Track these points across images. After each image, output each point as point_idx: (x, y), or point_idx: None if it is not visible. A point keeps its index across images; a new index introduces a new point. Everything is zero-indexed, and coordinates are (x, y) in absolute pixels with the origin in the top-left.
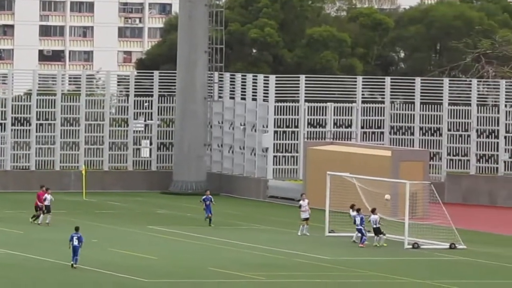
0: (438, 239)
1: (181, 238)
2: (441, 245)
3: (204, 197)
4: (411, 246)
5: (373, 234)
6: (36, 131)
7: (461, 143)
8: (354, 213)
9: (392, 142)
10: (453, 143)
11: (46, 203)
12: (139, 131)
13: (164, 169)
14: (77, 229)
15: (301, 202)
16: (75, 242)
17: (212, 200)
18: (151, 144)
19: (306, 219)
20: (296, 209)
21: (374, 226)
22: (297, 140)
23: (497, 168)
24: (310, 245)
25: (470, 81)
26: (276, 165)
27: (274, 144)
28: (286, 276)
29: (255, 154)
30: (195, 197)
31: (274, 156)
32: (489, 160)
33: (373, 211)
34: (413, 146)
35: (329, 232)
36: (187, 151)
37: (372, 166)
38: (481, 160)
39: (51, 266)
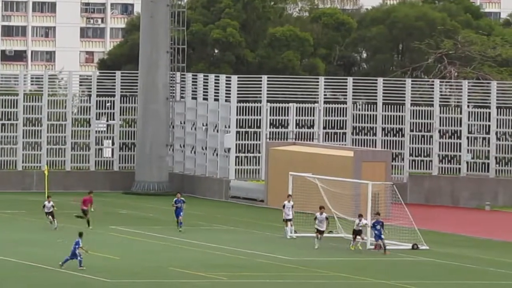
0: (400, 240)
1: (143, 238)
2: (403, 245)
3: (175, 199)
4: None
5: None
6: None
7: (424, 144)
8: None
9: (354, 142)
10: (415, 143)
11: (46, 210)
12: (101, 131)
13: (126, 169)
14: (80, 234)
15: (285, 202)
16: (72, 247)
17: (185, 201)
18: (113, 144)
19: (289, 220)
20: (259, 209)
21: (356, 228)
22: (259, 140)
23: (459, 168)
24: (272, 245)
25: (433, 81)
26: (238, 165)
27: (236, 144)
28: (249, 277)
29: (217, 155)
30: (158, 198)
31: (236, 157)
32: (452, 160)
33: (360, 216)
34: (375, 147)
35: (292, 233)
36: (149, 152)
37: (335, 167)
38: (443, 160)
39: (14, 267)
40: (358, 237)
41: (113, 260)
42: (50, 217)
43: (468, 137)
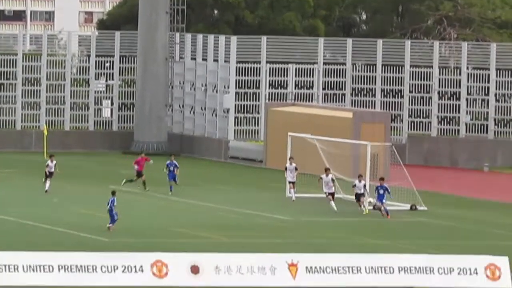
0: (399, 201)
1: (142, 198)
2: (401, 206)
3: (168, 162)
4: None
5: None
6: None
7: (423, 105)
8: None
9: (353, 103)
10: (414, 105)
11: (48, 169)
12: (100, 91)
13: (125, 129)
14: (113, 193)
15: (287, 164)
16: (108, 206)
17: (177, 165)
18: (112, 104)
19: (293, 182)
20: (257, 169)
21: (358, 191)
22: (259, 101)
23: (458, 130)
24: (271, 206)
25: (432, 43)
26: (237, 126)
27: (235, 105)
28: (248, 237)
29: (216, 115)
30: (156, 157)
31: (235, 117)
32: (451, 122)
33: (360, 177)
34: (374, 108)
35: (290, 193)
36: (148, 112)
37: (334, 128)
38: (442, 122)
39: (10, 226)
40: (362, 199)
41: None
42: (48, 177)
43: (467, 99)
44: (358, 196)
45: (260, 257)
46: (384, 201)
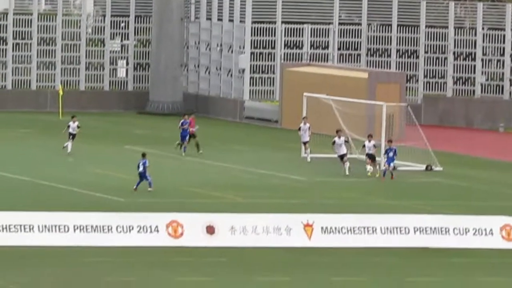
0: (414, 161)
1: (158, 159)
2: (417, 167)
3: (182, 121)
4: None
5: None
6: (13, 51)
7: (438, 66)
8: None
9: (369, 64)
10: (430, 65)
11: (70, 130)
12: (116, 51)
13: (140, 89)
14: (143, 155)
15: (301, 125)
16: (140, 168)
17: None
18: (127, 64)
19: (305, 142)
20: (273, 129)
21: (369, 152)
22: (274, 61)
23: (473, 90)
24: (286, 166)
25: (447, 3)
26: (253, 86)
27: (250, 65)
28: (263, 197)
29: (231, 75)
30: (172, 117)
31: (251, 77)
32: (466, 82)
33: (370, 137)
34: (389, 68)
35: (306, 154)
36: (164, 72)
37: (349, 88)
38: (457, 82)
39: (25, 185)
40: (372, 162)
41: (128, 180)
42: (70, 139)
43: (482, 59)
44: (369, 156)
45: (276, 217)
46: (392, 164)
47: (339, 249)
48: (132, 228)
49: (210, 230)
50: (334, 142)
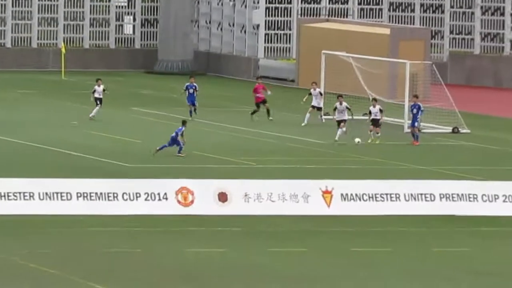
0: (440, 123)
1: (167, 121)
2: (443, 129)
3: (187, 84)
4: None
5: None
6: (12, 6)
7: (465, 21)
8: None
9: (391, 19)
10: (456, 20)
11: (96, 95)
12: (122, 6)
13: (148, 47)
14: (184, 122)
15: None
16: (173, 134)
17: (197, 88)
18: (134, 20)
19: (314, 107)
20: (289, 89)
21: (374, 117)
22: (290, 17)
23: (502, 47)
24: (302, 129)
25: None
26: (268, 43)
27: (265, 21)
28: (278, 161)
29: (245, 32)
30: (182, 77)
31: (266, 34)
32: (494, 39)
33: (374, 101)
34: (413, 24)
35: (324, 115)
36: (173, 28)
37: (370, 45)
38: (485, 39)
39: (29, 150)
40: (376, 128)
41: (134, 144)
42: (98, 104)
43: (511, 14)
44: (373, 122)
45: (292, 183)
46: (416, 124)
47: (360, 218)
48: (139, 196)
49: (223, 197)
50: (335, 108)
